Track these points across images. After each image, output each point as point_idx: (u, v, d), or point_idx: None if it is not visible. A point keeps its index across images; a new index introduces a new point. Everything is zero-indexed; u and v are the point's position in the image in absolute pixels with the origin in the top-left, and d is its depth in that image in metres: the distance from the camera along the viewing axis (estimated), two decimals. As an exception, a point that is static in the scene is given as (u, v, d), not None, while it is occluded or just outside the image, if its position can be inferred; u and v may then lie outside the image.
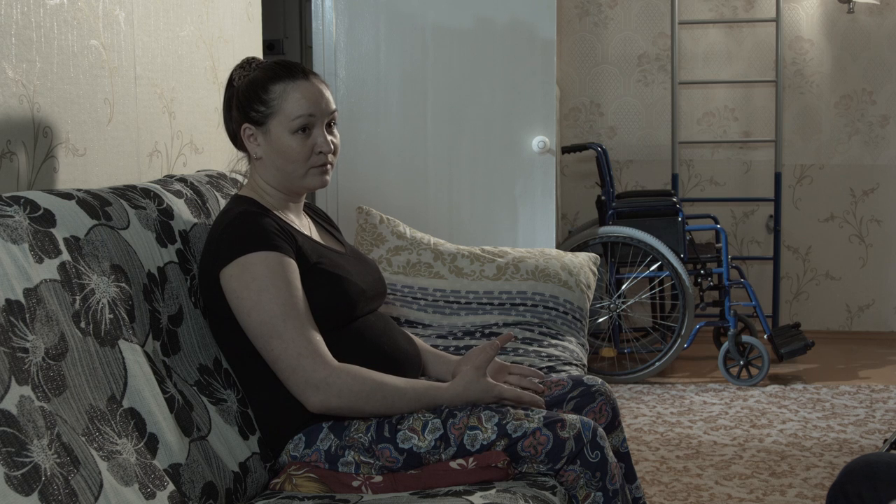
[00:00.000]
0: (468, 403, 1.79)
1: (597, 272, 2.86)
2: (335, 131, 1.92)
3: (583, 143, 4.49)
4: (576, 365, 2.41)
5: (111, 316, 1.53)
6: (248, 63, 1.93)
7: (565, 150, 4.52)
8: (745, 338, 4.21)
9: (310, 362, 1.71)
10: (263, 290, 1.73)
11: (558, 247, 4.02)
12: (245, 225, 1.79)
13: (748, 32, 5.04)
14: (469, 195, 3.61)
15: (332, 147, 1.89)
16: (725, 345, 4.24)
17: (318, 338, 1.75)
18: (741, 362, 4.19)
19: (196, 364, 1.74)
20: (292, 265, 1.79)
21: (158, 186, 1.89)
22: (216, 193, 2.07)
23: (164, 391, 1.56)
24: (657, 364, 4.28)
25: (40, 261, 1.44)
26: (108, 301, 1.54)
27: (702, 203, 5.09)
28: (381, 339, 1.91)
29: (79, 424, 1.36)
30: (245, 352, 1.79)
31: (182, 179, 2.02)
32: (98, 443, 1.37)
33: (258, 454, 1.75)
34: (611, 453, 1.76)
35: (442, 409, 1.77)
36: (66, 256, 1.49)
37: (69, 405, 1.36)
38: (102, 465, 1.34)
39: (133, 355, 1.53)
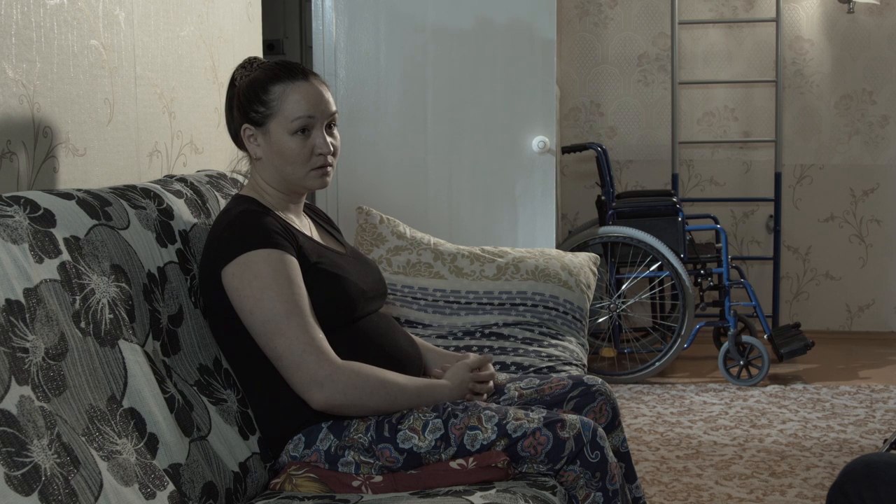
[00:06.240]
0: (463, 396, 1.87)
1: (597, 272, 2.86)
2: (335, 132, 1.92)
3: (583, 143, 4.49)
4: (576, 365, 2.41)
5: (111, 316, 1.53)
6: (249, 63, 1.93)
7: (565, 150, 4.52)
8: (745, 338, 4.21)
9: (314, 359, 1.72)
10: (266, 287, 1.73)
11: (558, 247, 4.02)
12: (246, 223, 1.79)
13: (748, 32, 5.04)
14: (469, 195, 3.61)
15: (332, 148, 1.88)
16: (725, 345, 4.24)
17: (321, 335, 1.75)
18: (741, 362, 4.19)
19: (196, 364, 1.74)
20: (294, 263, 1.79)
21: (158, 186, 1.89)
22: (216, 193, 2.07)
23: (164, 391, 1.56)
24: (657, 364, 4.28)
25: (40, 261, 1.44)
26: (108, 301, 1.54)
27: (702, 203, 5.09)
28: (383, 340, 1.91)
29: (79, 424, 1.36)
30: (245, 352, 1.79)
31: (182, 179, 2.02)
32: (98, 443, 1.37)
33: (258, 454, 1.75)
34: (611, 453, 1.76)
35: (442, 408, 1.77)
36: (66, 256, 1.49)
37: (69, 405, 1.36)
38: (102, 465, 1.34)
39: (133, 355, 1.53)
